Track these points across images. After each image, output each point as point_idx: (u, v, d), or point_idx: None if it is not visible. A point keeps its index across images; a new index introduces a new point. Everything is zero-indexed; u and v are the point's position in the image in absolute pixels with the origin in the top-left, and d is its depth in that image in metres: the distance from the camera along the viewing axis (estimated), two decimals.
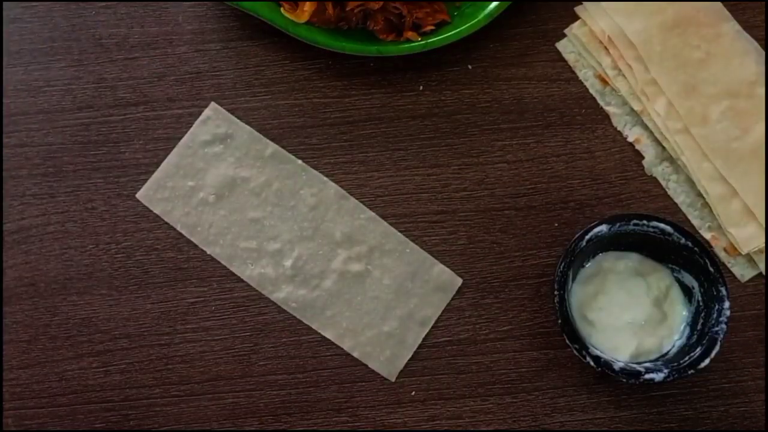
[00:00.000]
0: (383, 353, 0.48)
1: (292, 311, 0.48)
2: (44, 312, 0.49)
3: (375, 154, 0.51)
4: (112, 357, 0.48)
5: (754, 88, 0.51)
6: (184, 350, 0.48)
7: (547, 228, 0.50)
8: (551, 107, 0.52)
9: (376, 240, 0.49)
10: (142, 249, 0.50)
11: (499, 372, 0.48)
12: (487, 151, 0.51)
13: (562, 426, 0.47)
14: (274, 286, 0.48)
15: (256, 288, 0.49)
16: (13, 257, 0.49)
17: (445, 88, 0.52)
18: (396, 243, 0.49)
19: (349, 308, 0.48)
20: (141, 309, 0.49)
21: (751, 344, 0.48)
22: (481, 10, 0.51)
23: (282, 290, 0.48)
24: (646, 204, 0.50)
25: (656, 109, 0.50)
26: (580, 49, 0.53)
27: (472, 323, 0.49)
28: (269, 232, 0.49)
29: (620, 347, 0.45)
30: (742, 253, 0.49)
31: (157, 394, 0.48)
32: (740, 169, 0.49)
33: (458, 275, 0.49)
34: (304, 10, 0.50)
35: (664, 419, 0.47)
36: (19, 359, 0.48)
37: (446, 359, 0.48)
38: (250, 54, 0.53)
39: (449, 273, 0.49)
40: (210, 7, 0.53)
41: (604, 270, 0.47)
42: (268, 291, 0.48)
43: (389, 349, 0.48)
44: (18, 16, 0.53)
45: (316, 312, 0.48)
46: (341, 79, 0.52)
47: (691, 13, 0.52)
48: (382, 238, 0.49)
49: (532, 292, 0.49)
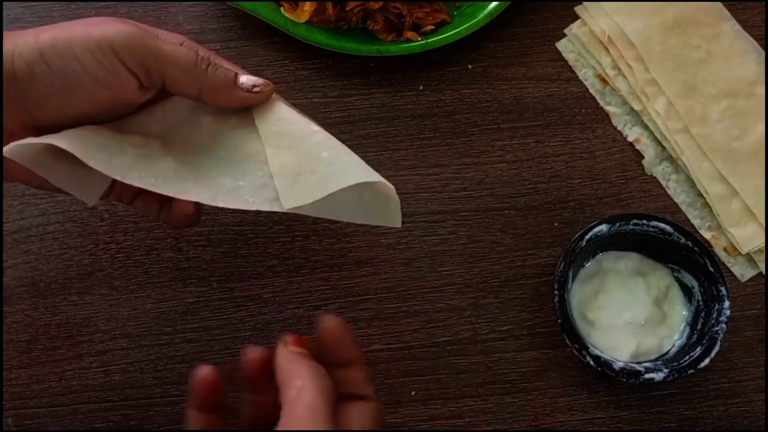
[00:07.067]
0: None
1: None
2: (44, 312, 0.49)
3: (375, 154, 0.51)
4: (112, 357, 0.48)
5: (754, 87, 0.51)
6: (184, 350, 0.48)
7: (547, 228, 0.50)
8: (551, 107, 0.52)
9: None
10: (142, 249, 0.49)
11: (499, 372, 0.48)
12: (487, 151, 0.51)
13: (562, 426, 0.47)
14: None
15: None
16: (13, 257, 0.49)
17: (445, 87, 0.52)
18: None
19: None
20: (141, 309, 0.49)
21: (751, 344, 0.48)
22: (481, 10, 0.51)
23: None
24: (646, 204, 0.50)
25: (656, 109, 0.50)
26: (580, 48, 0.53)
27: (472, 323, 0.49)
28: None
29: (620, 347, 0.45)
30: (742, 252, 0.49)
31: (157, 394, 0.48)
32: (740, 169, 0.49)
33: (458, 275, 0.49)
34: (304, 10, 0.50)
35: (664, 419, 0.47)
36: (19, 359, 0.48)
37: (446, 359, 0.48)
38: (250, 54, 0.53)
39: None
40: (210, 7, 0.53)
41: (604, 270, 0.47)
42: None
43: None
44: (18, 16, 0.53)
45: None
46: (341, 79, 0.52)
47: (691, 13, 0.52)
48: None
49: (532, 292, 0.49)
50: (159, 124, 0.39)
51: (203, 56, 0.36)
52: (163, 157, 0.37)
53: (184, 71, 0.36)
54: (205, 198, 0.36)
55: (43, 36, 0.34)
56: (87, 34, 0.34)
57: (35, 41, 0.33)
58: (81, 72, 0.34)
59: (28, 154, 0.34)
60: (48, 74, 0.34)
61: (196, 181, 0.36)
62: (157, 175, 0.36)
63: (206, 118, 0.39)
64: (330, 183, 0.35)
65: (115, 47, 0.34)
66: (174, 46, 0.36)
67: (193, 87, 0.36)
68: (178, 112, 0.39)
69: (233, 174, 0.37)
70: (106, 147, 0.35)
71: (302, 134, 0.37)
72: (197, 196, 0.36)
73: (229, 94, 0.37)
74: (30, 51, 0.33)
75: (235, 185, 0.37)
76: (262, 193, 0.36)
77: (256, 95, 0.38)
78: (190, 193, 0.36)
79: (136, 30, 0.35)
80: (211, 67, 0.36)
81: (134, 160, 0.36)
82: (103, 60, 0.34)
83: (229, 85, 0.37)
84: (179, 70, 0.36)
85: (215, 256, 0.49)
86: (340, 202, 0.37)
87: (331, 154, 0.36)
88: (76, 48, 0.34)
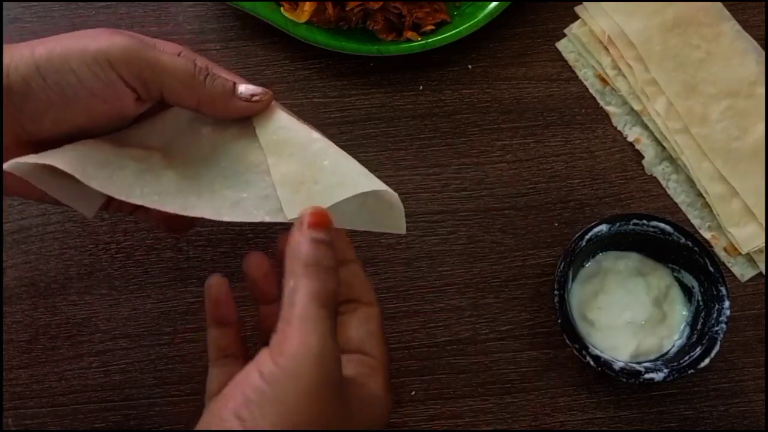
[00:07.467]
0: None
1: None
2: (44, 312, 0.49)
3: (375, 154, 0.51)
4: (112, 357, 0.48)
5: (754, 88, 0.51)
6: (184, 350, 0.48)
7: (547, 228, 0.50)
8: (551, 107, 0.52)
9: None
10: (142, 249, 0.49)
11: (499, 372, 0.48)
12: (486, 151, 0.51)
13: (562, 426, 0.47)
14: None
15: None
16: (13, 257, 0.49)
17: (445, 87, 0.52)
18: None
19: None
20: (141, 309, 0.49)
21: (751, 344, 0.48)
22: (481, 10, 0.51)
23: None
24: (646, 204, 0.50)
25: (656, 109, 0.50)
26: (580, 48, 0.53)
27: (472, 323, 0.49)
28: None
29: (620, 347, 0.45)
30: (742, 252, 0.49)
31: (157, 394, 0.48)
32: (740, 169, 0.49)
33: (458, 275, 0.49)
34: (304, 10, 0.50)
35: (664, 419, 0.47)
36: (19, 359, 0.48)
37: (446, 359, 0.48)
38: (250, 54, 0.53)
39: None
40: (210, 7, 0.53)
41: (604, 270, 0.47)
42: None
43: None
44: (18, 16, 0.53)
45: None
46: (341, 79, 0.52)
47: (691, 13, 0.52)
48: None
49: (532, 292, 0.49)
50: (158, 136, 0.38)
51: (201, 67, 0.36)
52: (165, 171, 0.36)
53: (182, 82, 0.35)
54: (209, 213, 0.36)
55: (38, 49, 0.33)
56: (83, 46, 0.33)
57: (31, 55, 0.33)
58: (77, 85, 0.33)
59: (27, 168, 0.34)
60: (44, 88, 0.33)
61: (199, 195, 0.36)
62: (160, 191, 0.36)
63: (206, 128, 0.38)
64: (333, 193, 0.35)
65: (111, 60, 0.33)
66: (172, 56, 0.35)
67: (192, 98, 0.36)
68: (177, 123, 0.39)
69: (236, 186, 0.37)
70: (106, 163, 0.35)
71: (303, 142, 0.37)
72: (201, 212, 0.36)
73: (227, 104, 0.36)
74: (26, 65, 0.33)
75: (238, 197, 0.36)
76: (266, 204, 0.36)
77: (255, 104, 0.37)
78: (194, 210, 0.36)
79: (132, 42, 0.34)
80: (209, 77, 0.36)
81: (135, 176, 0.35)
82: (99, 73, 0.33)
83: (227, 95, 0.36)
84: (177, 82, 0.35)
85: (215, 256, 0.49)
86: (344, 210, 0.37)
87: (333, 162, 0.36)
88: (73, 61, 0.33)
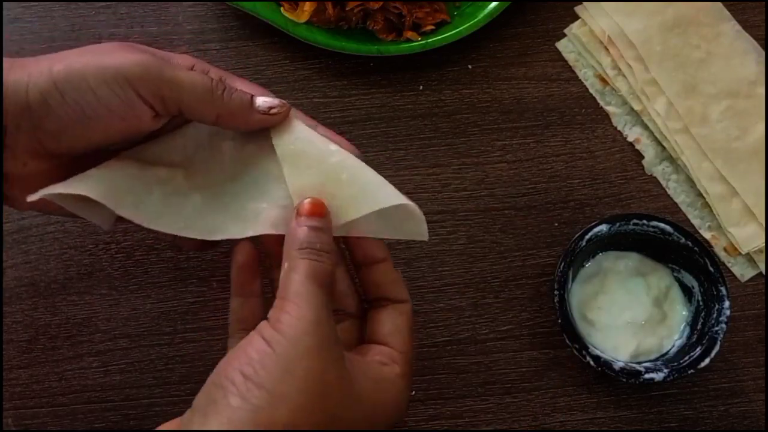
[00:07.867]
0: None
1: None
2: (44, 312, 0.49)
3: (375, 154, 0.51)
4: (112, 357, 0.48)
5: (754, 87, 0.51)
6: (184, 350, 0.48)
7: (547, 228, 0.50)
8: (551, 107, 0.52)
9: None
10: (142, 249, 0.49)
11: (499, 372, 0.48)
12: (486, 151, 0.51)
13: (562, 426, 0.47)
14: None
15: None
16: (13, 257, 0.49)
17: (445, 87, 0.52)
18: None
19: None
20: (141, 309, 0.49)
21: (751, 344, 0.48)
22: (481, 10, 0.51)
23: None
24: (646, 204, 0.50)
25: (656, 109, 0.50)
26: (580, 48, 0.53)
27: (472, 323, 0.49)
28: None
29: (620, 347, 0.45)
30: (742, 252, 0.49)
31: (157, 394, 0.48)
32: (740, 169, 0.49)
33: (458, 275, 0.49)
34: (304, 10, 0.50)
35: (664, 419, 0.47)
36: (19, 359, 0.48)
37: (446, 359, 0.48)
38: (250, 54, 0.53)
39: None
40: (210, 7, 0.53)
41: (604, 270, 0.47)
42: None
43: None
44: (18, 16, 0.53)
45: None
46: (341, 79, 0.52)
47: (691, 13, 0.52)
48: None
49: (532, 292, 0.49)
50: (180, 152, 0.38)
51: (217, 80, 0.36)
52: (190, 194, 0.37)
53: (200, 98, 0.35)
54: (236, 233, 0.36)
55: (57, 66, 0.33)
56: (101, 64, 0.33)
57: (49, 71, 0.33)
58: (96, 103, 0.33)
59: (53, 194, 0.34)
60: (62, 105, 0.33)
61: (225, 214, 0.37)
62: (187, 217, 0.36)
63: (227, 143, 0.39)
64: (351, 209, 0.35)
65: (129, 78, 0.33)
66: (188, 72, 0.35)
67: (210, 113, 0.36)
68: (198, 138, 0.39)
69: (257, 197, 0.37)
70: (132, 189, 0.35)
71: (320, 154, 0.37)
72: (224, 234, 0.36)
73: (246, 117, 0.36)
74: (44, 81, 0.33)
75: (259, 208, 0.37)
76: (285, 215, 0.36)
77: (273, 117, 0.37)
78: (219, 233, 0.36)
79: (150, 59, 0.34)
80: (226, 92, 0.36)
81: (162, 202, 0.36)
82: (118, 91, 0.33)
83: (245, 108, 0.36)
84: (195, 98, 0.35)
85: (215, 256, 0.49)
86: (362, 221, 0.36)
87: (351, 175, 0.36)
88: (91, 79, 0.33)
